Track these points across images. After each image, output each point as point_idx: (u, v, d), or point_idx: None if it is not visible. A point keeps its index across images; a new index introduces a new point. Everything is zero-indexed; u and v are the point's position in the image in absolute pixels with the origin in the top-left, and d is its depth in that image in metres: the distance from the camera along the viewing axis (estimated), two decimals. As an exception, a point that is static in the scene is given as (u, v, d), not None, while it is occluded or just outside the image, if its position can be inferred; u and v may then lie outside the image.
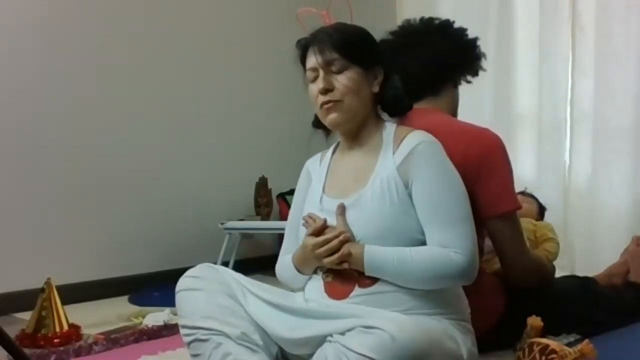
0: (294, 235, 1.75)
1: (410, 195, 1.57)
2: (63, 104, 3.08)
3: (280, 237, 3.65)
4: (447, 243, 1.53)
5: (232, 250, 3.50)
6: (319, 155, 1.84)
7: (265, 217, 3.61)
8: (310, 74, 1.67)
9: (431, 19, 2.09)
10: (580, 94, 3.17)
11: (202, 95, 3.61)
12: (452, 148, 1.66)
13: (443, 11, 3.42)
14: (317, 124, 1.77)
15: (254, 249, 3.78)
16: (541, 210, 2.62)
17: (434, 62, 1.98)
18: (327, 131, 1.78)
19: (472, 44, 2.06)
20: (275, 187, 3.71)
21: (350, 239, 1.55)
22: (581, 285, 2.22)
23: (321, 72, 1.63)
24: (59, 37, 3.07)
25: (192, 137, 3.55)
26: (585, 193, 3.17)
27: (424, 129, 1.67)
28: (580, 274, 2.60)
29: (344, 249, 1.53)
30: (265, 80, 3.84)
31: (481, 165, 1.80)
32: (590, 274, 2.45)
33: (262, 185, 3.65)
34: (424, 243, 1.56)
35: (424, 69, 1.97)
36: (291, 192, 3.75)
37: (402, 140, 1.62)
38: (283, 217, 3.68)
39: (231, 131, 3.72)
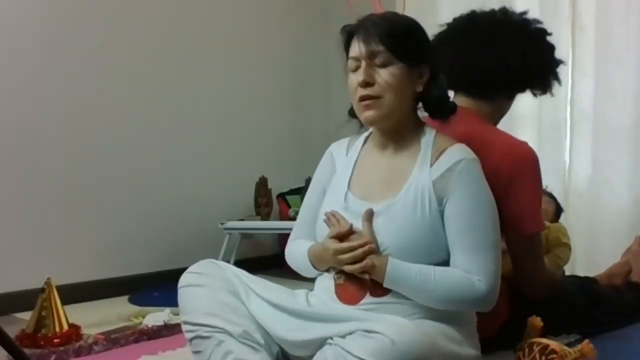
0: (309, 222, 1.71)
1: (442, 213, 1.53)
2: (63, 104, 3.08)
3: (280, 237, 3.68)
4: (472, 269, 1.51)
5: (232, 250, 3.50)
6: (345, 141, 1.76)
7: (265, 217, 3.61)
8: (352, 63, 1.59)
9: (494, 14, 1.94)
10: (580, 94, 3.16)
11: (202, 95, 3.60)
12: (484, 159, 1.61)
13: (443, 11, 3.42)
14: (354, 113, 1.65)
15: (254, 249, 3.78)
16: (557, 211, 2.59)
17: (509, 63, 1.85)
18: (361, 123, 1.67)
19: (551, 51, 1.93)
20: (275, 187, 3.71)
21: (375, 250, 1.50)
22: (582, 285, 2.22)
23: (363, 63, 1.55)
24: (59, 37, 3.07)
25: (192, 137, 3.55)
26: (585, 193, 3.17)
27: (461, 137, 1.61)
28: (580, 274, 2.60)
29: (368, 261, 1.48)
30: (265, 80, 3.84)
31: (512, 181, 1.75)
32: (591, 274, 2.45)
33: (262, 185, 3.65)
34: (446, 262, 1.53)
35: (495, 66, 1.84)
36: (291, 192, 3.77)
37: (441, 153, 1.57)
38: (283, 217, 3.68)
39: (231, 131, 3.71)
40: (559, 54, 3.13)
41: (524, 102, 3.35)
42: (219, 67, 3.66)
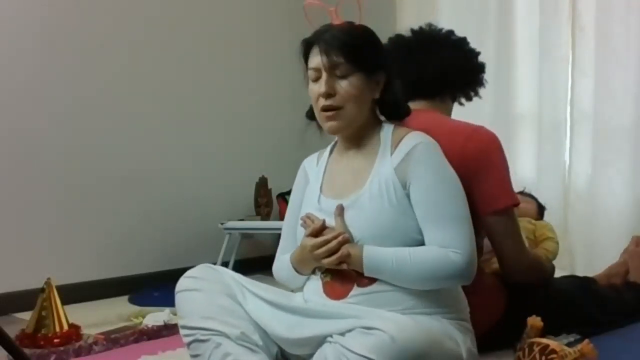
0: (291, 235, 1.75)
1: (408, 196, 1.57)
2: (63, 104, 3.08)
3: (280, 237, 3.67)
4: (446, 243, 1.53)
5: (232, 250, 3.50)
6: (315, 155, 1.83)
7: (265, 217, 3.61)
8: (312, 73, 1.65)
9: (451, 32, 2.10)
10: (580, 94, 3.16)
11: (202, 95, 3.61)
12: (448, 146, 1.67)
13: (443, 12, 3.43)
14: (312, 115, 1.73)
15: (254, 249, 3.78)
16: (540, 210, 2.62)
17: (453, 71, 1.99)
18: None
19: (481, 67, 2.08)
20: (275, 187, 3.71)
21: (349, 240, 1.55)
22: (581, 285, 2.22)
23: (324, 75, 1.61)
24: (59, 37, 3.07)
25: (192, 137, 3.55)
26: (585, 193, 3.16)
27: (421, 129, 1.67)
28: (580, 274, 2.60)
29: (343, 250, 1.53)
30: (266, 80, 3.84)
31: (478, 163, 1.81)
32: (590, 274, 2.45)
33: (262, 185, 3.65)
34: (422, 243, 1.56)
35: (444, 73, 1.98)
36: (291, 192, 3.76)
37: (399, 141, 1.62)
38: (283, 217, 3.65)
39: (231, 131, 3.71)
40: (554, 52, 3.18)
41: (524, 102, 3.38)
42: (219, 67, 3.66)
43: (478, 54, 2.09)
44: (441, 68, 2.00)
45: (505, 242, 1.87)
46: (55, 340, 2.16)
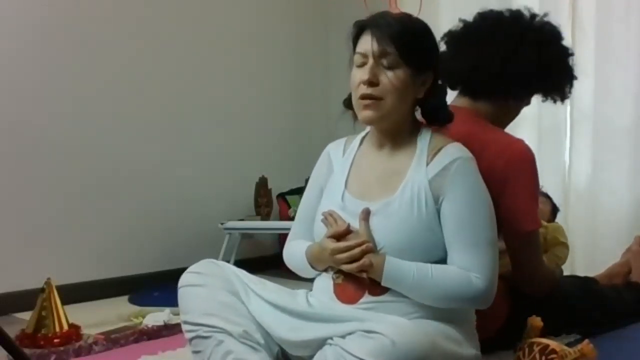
0: (306, 221, 1.72)
1: (438, 211, 1.54)
2: (63, 104, 3.08)
3: (280, 237, 3.68)
4: (469, 266, 1.51)
5: (232, 250, 3.50)
6: (342, 142, 1.76)
7: (265, 217, 3.61)
8: (358, 58, 1.58)
9: (501, 15, 1.91)
10: (580, 94, 3.16)
11: (202, 95, 3.60)
12: (479, 159, 1.61)
13: (443, 11, 3.42)
14: (349, 104, 1.65)
15: (254, 249, 3.78)
16: (554, 211, 2.60)
17: (513, 71, 1.82)
18: (356, 116, 1.66)
19: (569, 66, 1.89)
20: (275, 187, 3.70)
21: (372, 250, 1.51)
22: (581, 285, 2.22)
23: (371, 61, 1.55)
24: (59, 37, 3.07)
25: (192, 137, 3.55)
26: (585, 193, 3.17)
27: (458, 137, 1.61)
28: (580, 274, 2.60)
29: (365, 260, 1.49)
30: (266, 80, 3.84)
31: (507, 178, 1.75)
32: (591, 274, 2.45)
33: (262, 185, 3.64)
34: (443, 261, 1.54)
35: (495, 68, 1.81)
36: (291, 192, 3.76)
37: (437, 152, 1.57)
38: (283, 217, 3.68)
39: (231, 131, 3.71)
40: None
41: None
42: (219, 67, 3.66)
43: (567, 54, 1.89)
44: (501, 65, 1.83)
45: (524, 260, 1.86)
46: (55, 340, 2.15)
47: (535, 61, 1.85)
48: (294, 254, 1.71)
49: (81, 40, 3.13)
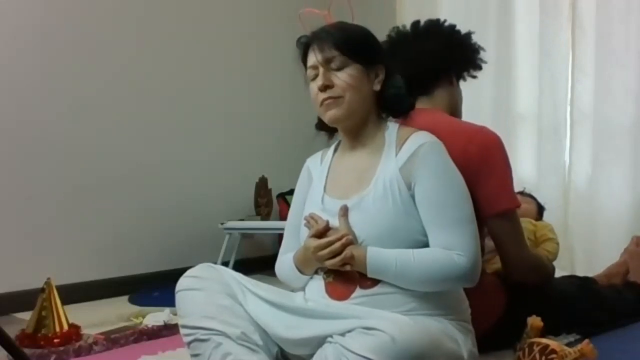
0: (294, 234, 1.75)
1: (413, 197, 1.57)
2: (63, 104, 3.08)
3: (280, 237, 3.67)
4: (450, 245, 1.53)
5: (232, 250, 3.50)
6: (319, 154, 1.82)
7: (265, 217, 3.61)
8: (310, 72, 1.66)
9: (418, 22, 2.08)
10: (580, 94, 3.17)
11: (202, 95, 3.61)
12: (450, 147, 1.66)
13: (443, 11, 3.43)
14: (321, 126, 1.76)
15: (254, 249, 3.78)
16: (540, 210, 2.62)
17: (417, 63, 1.97)
18: (330, 133, 1.77)
19: (462, 39, 2.05)
20: (275, 187, 3.71)
21: (352, 242, 1.54)
22: (581, 285, 2.22)
23: (321, 70, 1.62)
24: (59, 37, 3.07)
25: (192, 137, 3.55)
26: (585, 193, 3.17)
27: (425, 129, 1.66)
28: (580, 274, 2.60)
29: (347, 252, 1.52)
30: (266, 80, 3.84)
31: (480, 164, 1.80)
32: (590, 274, 2.45)
33: (262, 185, 3.65)
34: (426, 245, 1.56)
35: (410, 70, 1.91)
36: (291, 192, 3.74)
37: (404, 141, 1.62)
38: (283, 217, 3.68)
39: (231, 131, 3.72)
40: (554, 52, 3.16)
41: (524, 102, 3.39)
42: (219, 67, 3.66)
43: (468, 34, 2.06)
44: (428, 57, 1.99)
45: (507, 243, 1.86)
46: (55, 340, 2.15)
47: (435, 49, 2.01)
48: (284, 265, 1.74)
49: (81, 40, 3.14)
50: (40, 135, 3.01)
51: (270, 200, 3.66)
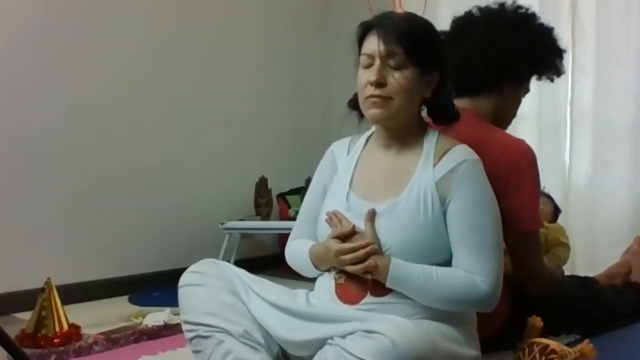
0: (309, 221, 1.71)
1: (444, 213, 1.53)
2: (63, 104, 3.08)
3: (280, 237, 3.68)
4: (474, 269, 1.51)
5: (232, 250, 3.50)
6: (346, 140, 1.75)
7: (265, 217, 3.61)
8: (365, 59, 1.57)
9: (504, 5, 1.92)
10: (580, 94, 3.16)
11: (202, 95, 3.60)
12: (482, 157, 1.60)
13: (443, 11, 3.42)
14: (355, 105, 1.65)
15: (254, 249, 3.78)
16: (555, 212, 2.60)
17: (495, 56, 1.83)
18: (361, 115, 1.65)
19: (551, 38, 1.91)
20: (275, 187, 3.70)
21: (377, 252, 1.50)
22: (581, 285, 2.22)
23: (378, 62, 1.54)
24: (59, 37, 3.07)
25: (192, 137, 3.55)
26: (585, 193, 3.17)
27: (462, 138, 1.61)
28: (580, 273, 2.60)
29: (370, 262, 1.48)
30: (266, 80, 3.83)
31: (508, 178, 1.75)
32: (591, 274, 2.45)
33: (262, 185, 3.64)
34: (448, 263, 1.53)
35: (474, 62, 1.83)
36: (291, 192, 3.76)
37: (444, 153, 1.57)
38: (283, 217, 3.68)
39: (231, 131, 3.71)
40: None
41: (524, 102, 3.37)
42: (219, 67, 3.66)
43: (546, 29, 1.91)
44: (482, 56, 1.85)
45: (525, 260, 1.85)
46: (55, 340, 2.15)
47: (515, 42, 1.85)
48: (297, 253, 1.70)
49: (81, 40, 3.13)
50: (40, 135, 3.01)
51: (270, 200, 3.66)
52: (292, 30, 3.94)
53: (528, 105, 3.32)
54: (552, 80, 2.00)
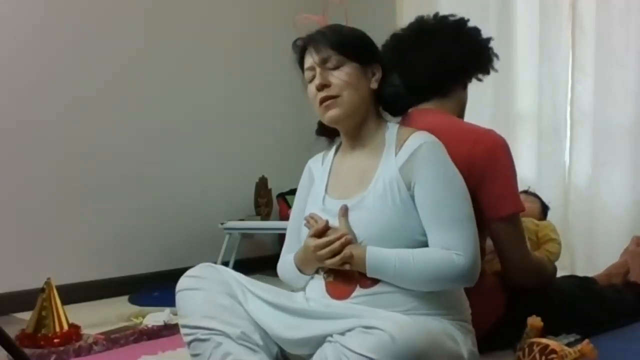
0: (296, 235, 1.75)
1: (412, 197, 1.57)
2: (63, 104, 3.08)
3: (280, 237, 3.68)
4: (449, 245, 1.53)
5: (232, 250, 3.50)
6: (320, 155, 1.83)
7: (265, 217, 3.61)
8: (308, 74, 1.68)
9: (445, 17, 2.05)
10: (580, 94, 3.17)
11: (202, 96, 3.61)
12: (456, 149, 1.65)
13: (443, 11, 3.42)
14: (321, 131, 1.77)
15: (254, 249, 3.78)
16: (544, 210, 2.61)
17: (446, 63, 1.94)
18: (330, 138, 1.78)
19: (486, 45, 2.04)
20: (275, 187, 3.71)
21: (352, 241, 1.55)
22: (581, 285, 2.22)
23: (317, 70, 1.63)
24: (59, 37, 3.07)
25: (192, 137, 3.55)
26: (585, 193, 3.17)
27: (427, 130, 1.66)
28: (580, 273, 2.60)
29: (346, 251, 1.53)
30: (266, 80, 3.84)
31: (485, 167, 1.79)
32: (590, 274, 2.45)
33: (262, 185, 3.65)
34: (425, 245, 1.56)
35: (434, 68, 1.93)
36: (291, 192, 3.76)
37: (404, 141, 1.62)
38: (283, 217, 3.68)
39: (231, 131, 3.72)
40: (554, 52, 3.16)
41: (524, 103, 3.39)
42: (219, 67, 3.66)
43: (489, 40, 2.03)
44: (458, 59, 1.96)
45: (509, 247, 1.86)
46: (55, 340, 2.15)
47: (471, 53, 1.99)
48: (285, 266, 1.75)
49: (81, 40, 3.14)
50: (40, 135, 3.01)
51: (270, 200, 3.66)
52: (292, 30, 3.94)
53: (528, 105, 3.34)
54: (480, 80, 2.08)
